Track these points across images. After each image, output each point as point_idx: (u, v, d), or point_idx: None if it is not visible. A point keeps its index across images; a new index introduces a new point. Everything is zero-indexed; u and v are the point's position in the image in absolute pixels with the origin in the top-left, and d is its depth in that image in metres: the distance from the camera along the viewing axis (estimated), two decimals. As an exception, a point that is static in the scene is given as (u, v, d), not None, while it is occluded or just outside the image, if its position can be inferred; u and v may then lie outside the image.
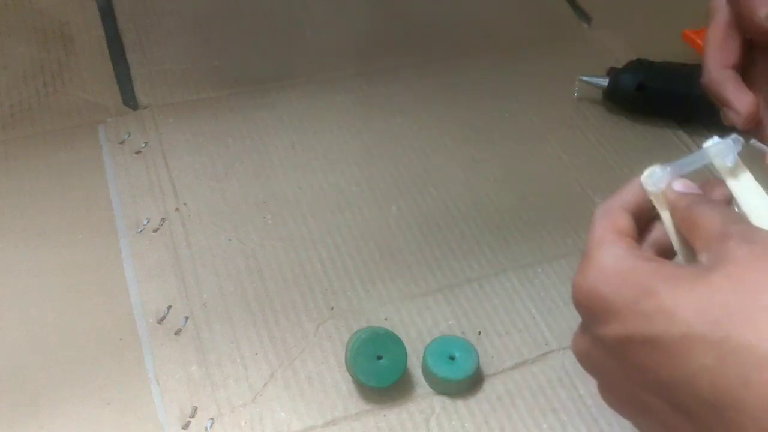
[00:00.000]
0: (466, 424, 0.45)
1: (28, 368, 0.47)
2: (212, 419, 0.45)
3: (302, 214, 0.56)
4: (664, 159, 0.52)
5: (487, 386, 0.47)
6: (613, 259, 0.33)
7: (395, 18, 0.74)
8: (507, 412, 0.46)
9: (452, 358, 0.47)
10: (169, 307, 0.50)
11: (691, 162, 0.38)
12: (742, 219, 0.34)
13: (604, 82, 0.66)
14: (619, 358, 0.32)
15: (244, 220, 0.55)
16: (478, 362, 0.47)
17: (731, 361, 0.28)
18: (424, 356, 0.47)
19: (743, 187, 0.37)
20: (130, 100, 0.64)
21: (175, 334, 0.49)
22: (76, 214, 0.55)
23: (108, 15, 0.71)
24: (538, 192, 0.59)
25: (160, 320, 0.49)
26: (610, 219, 0.35)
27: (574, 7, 0.77)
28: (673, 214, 0.36)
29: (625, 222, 0.35)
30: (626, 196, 0.36)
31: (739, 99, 0.42)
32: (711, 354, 0.29)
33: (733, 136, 0.38)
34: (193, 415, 0.45)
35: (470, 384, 0.47)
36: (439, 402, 0.46)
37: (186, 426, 0.44)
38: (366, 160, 0.60)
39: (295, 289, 0.51)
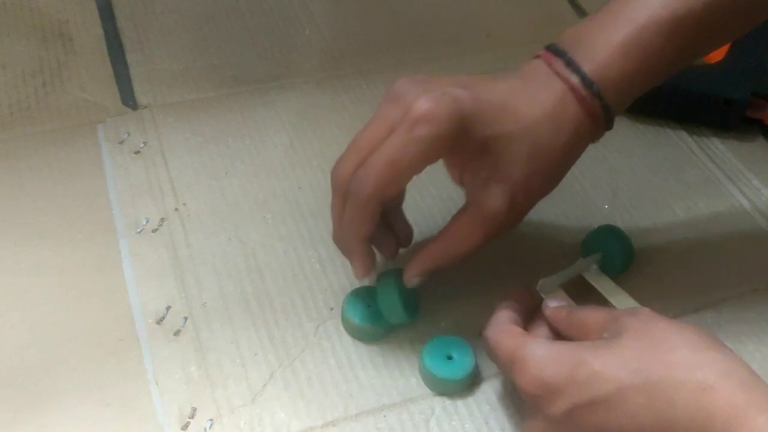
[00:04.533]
0: (466, 425, 0.45)
1: (27, 368, 0.47)
2: (211, 420, 0.45)
3: (302, 213, 0.56)
4: (663, 158, 0.52)
5: (487, 387, 0.47)
6: (542, 349, 0.40)
7: (395, 17, 0.74)
8: (507, 412, 0.46)
9: (450, 357, 0.47)
10: (169, 308, 0.50)
11: (568, 273, 0.49)
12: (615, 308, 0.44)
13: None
14: (572, 427, 0.38)
15: (244, 220, 0.55)
16: (476, 361, 0.47)
17: (657, 393, 0.36)
18: (421, 356, 0.47)
19: (606, 287, 0.49)
20: (129, 99, 0.64)
21: (175, 334, 0.49)
22: (75, 213, 0.55)
23: (107, 14, 0.71)
24: (537, 191, 0.59)
25: (160, 321, 0.49)
26: (511, 331, 0.43)
27: (574, 7, 0.77)
28: (556, 325, 0.44)
29: (520, 330, 0.43)
30: (502, 319, 0.44)
31: (360, 267, 0.46)
32: (641, 395, 0.36)
33: (596, 256, 0.51)
34: (192, 416, 0.45)
35: (468, 383, 0.47)
36: (439, 402, 0.46)
37: (185, 426, 0.44)
38: (366, 160, 0.60)
39: (294, 289, 0.51)
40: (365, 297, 0.49)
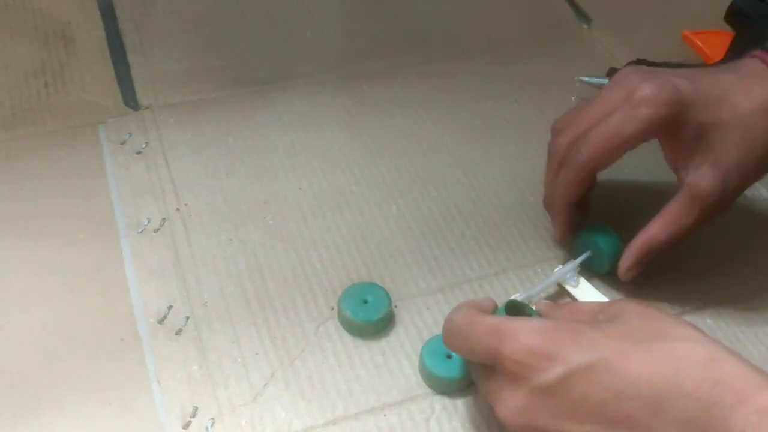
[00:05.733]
0: (466, 424, 0.46)
1: (28, 368, 0.47)
2: (213, 419, 0.45)
3: (302, 214, 0.56)
4: (661, 156, 0.52)
5: (487, 386, 0.47)
6: (532, 322, 0.39)
7: (395, 19, 0.74)
8: (507, 411, 0.46)
9: (449, 356, 0.47)
10: (170, 307, 0.50)
11: (542, 288, 0.50)
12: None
13: (604, 82, 0.66)
14: (561, 396, 0.37)
15: (245, 220, 0.56)
16: None
17: (661, 360, 0.35)
18: (421, 355, 0.47)
19: (585, 293, 0.51)
20: (130, 100, 0.64)
21: (176, 334, 0.49)
22: (77, 214, 0.55)
23: (109, 15, 0.71)
24: (537, 192, 0.58)
25: (161, 320, 0.49)
26: (485, 310, 0.42)
27: (574, 7, 0.77)
28: (547, 312, 0.46)
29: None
30: (469, 303, 0.43)
31: (559, 229, 0.52)
32: (644, 360, 0.35)
33: (572, 263, 0.51)
34: (193, 415, 0.45)
35: (468, 382, 0.47)
36: (439, 402, 0.46)
37: (187, 426, 0.45)
38: (366, 160, 0.61)
39: (295, 289, 0.52)
40: (361, 292, 0.49)
